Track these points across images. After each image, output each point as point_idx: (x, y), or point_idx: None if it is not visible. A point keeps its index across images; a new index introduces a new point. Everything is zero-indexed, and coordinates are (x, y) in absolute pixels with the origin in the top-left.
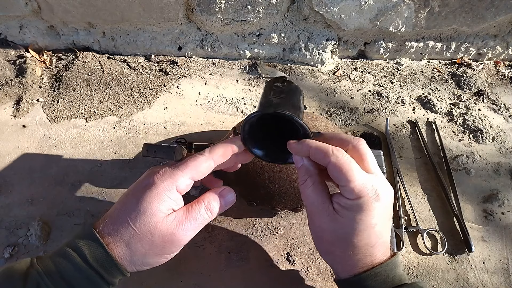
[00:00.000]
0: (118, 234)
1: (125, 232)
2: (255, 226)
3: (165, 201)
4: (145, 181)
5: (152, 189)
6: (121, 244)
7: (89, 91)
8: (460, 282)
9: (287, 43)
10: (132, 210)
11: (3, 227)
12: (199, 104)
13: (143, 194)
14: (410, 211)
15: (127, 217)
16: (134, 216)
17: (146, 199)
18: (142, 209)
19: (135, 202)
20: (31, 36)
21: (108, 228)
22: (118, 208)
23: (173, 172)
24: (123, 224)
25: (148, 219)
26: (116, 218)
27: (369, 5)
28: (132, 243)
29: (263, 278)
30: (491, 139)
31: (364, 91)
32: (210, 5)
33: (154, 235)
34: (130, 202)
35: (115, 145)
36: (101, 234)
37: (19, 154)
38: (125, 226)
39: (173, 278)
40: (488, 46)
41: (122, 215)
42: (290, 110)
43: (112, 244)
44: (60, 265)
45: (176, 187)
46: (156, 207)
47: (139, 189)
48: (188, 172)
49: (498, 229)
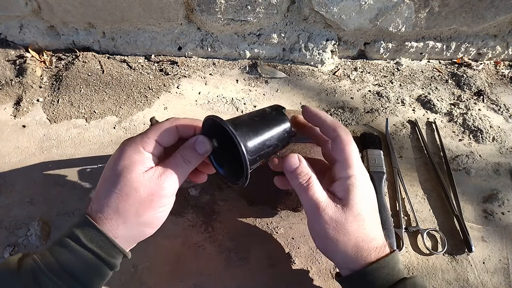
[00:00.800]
0: (105, 205)
1: (110, 200)
2: (255, 226)
3: (136, 161)
4: (115, 152)
5: (122, 155)
6: (110, 213)
7: (89, 91)
8: (460, 282)
9: (287, 43)
10: (111, 178)
11: (3, 227)
12: (199, 104)
13: (116, 161)
14: (410, 211)
15: (108, 185)
16: (113, 181)
17: (120, 163)
18: (118, 172)
19: (110, 171)
20: (31, 36)
21: (95, 205)
22: (99, 184)
23: (137, 137)
24: (106, 193)
25: (127, 177)
26: (100, 193)
27: (369, 5)
28: (120, 206)
29: (263, 278)
30: (491, 139)
31: (364, 91)
32: (210, 5)
33: (139, 189)
34: (106, 174)
35: (115, 145)
36: (91, 215)
37: (19, 154)
38: (109, 194)
39: (173, 278)
40: (488, 46)
41: (104, 187)
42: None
43: (103, 219)
44: (55, 251)
45: (142, 148)
46: (131, 166)
47: (111, 160)
48: (150, 135)
49: (498, 229)
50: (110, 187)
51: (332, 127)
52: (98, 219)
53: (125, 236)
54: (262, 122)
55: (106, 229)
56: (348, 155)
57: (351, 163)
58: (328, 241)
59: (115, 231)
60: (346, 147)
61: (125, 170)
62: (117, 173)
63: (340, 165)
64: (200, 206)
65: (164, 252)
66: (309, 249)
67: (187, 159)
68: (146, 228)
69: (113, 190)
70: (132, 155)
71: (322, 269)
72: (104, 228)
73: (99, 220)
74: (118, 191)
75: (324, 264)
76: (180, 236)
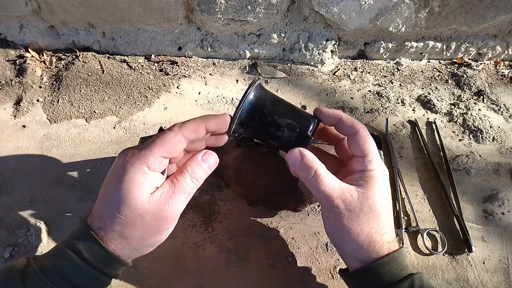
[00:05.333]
0: (108, 227)
1: (114, 224)
2: (255, 226)
3: (141, 183)
4: (116, 167)
5: (125, 175)
6: (115, 236)
7: (89, 91)
8: (460, 282)
9: (287, 43)
10: (114, 201)
11: (3, 227)
12: (199, 104)
13: (119, 182)
14: (410, 211)
15: (112, 209)
16: (118, 206)
17: (123, 187)
18: (122, 197)
19: (114, 192)
20: (31, 36)
21: (97, 222)
22: (101, 201)
23: (140, 153)
24: (110, 217)
25: (132, 204)
26: (102, 212)
27: (369, 5)
28: (125, 231)
29: (263, 278)
30: (491, 139)
31: (364, 91)
32: (210, 5)
33: (145, 217)
34: (109, 193)
35: (115, 145)
36: (95, 231)
37: (19, 154)
38: (113, 218)
39: (173, 278)
40: (488, 46)
41: (107, 208)
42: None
43: (105, 237)
44: (58, 264)
45: (147, 167)
46: (136, 192)
47: (113, 178)
48: (156, 150)
49: (498, 229)
50: (113, 211)
51: (350, 123)
52: (102, 238)
53: (129, 254)
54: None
55: (111, 249)
56: (368, 151)
57: (371, 158)
58: (340, 229)
59: (119, 251)
60: (366, 143)
61: (129, 195)
62: (121, 197)
63: (360, 160)
64: (200, 206)
65: (164, 252)
66: (309, 249)
67: (195, 177)
68: (150, 248)
69: (117, 215)
70: (135, 176)
71: (322, 269)
72: (108, 247)
73: (103, 239)
74: (123, 217)
75: (324, 264)
76: (180, 236)
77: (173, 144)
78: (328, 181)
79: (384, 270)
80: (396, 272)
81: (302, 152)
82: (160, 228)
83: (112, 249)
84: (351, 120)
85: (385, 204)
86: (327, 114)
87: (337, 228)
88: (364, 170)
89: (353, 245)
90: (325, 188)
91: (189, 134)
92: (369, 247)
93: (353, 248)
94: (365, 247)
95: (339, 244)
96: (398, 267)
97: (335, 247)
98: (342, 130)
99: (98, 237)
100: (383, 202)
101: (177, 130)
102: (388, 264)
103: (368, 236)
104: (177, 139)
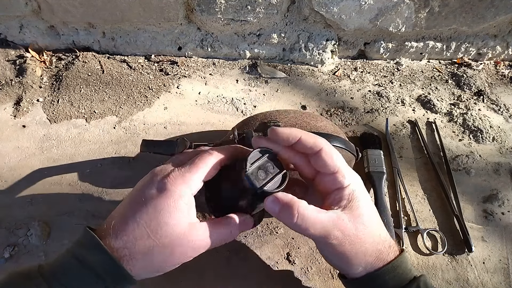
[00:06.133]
0: (135, 246)
1: (143, 244)
2: None
3: (183, 208)
4: (154, 186)
5: (168, 196)
6: (139, 256)
7: (89, 91)
8: (460, 282)
9: (287, 43)
10: (151, 220)
11: (3, 227)
12: (199, 104)
13: (160, 202)
14: (410, 211)
15: (146, 228)
16: (155, 227)
17: (165, 208)
18: (164, 220)
19: (151, 211)
20: (31, 36)
21: (121, 240)
22: (130, 217)
23: (184, 175)
24: (141, 235)
25: (171, 230)
26: (131, 231)
27: (369, 5)
28: (150, 254)
29: (263, 278)
30: (491, 139)
31: (364, 91)
32: (210, 5)
33: (175, 246)
34: (144, 210)
35: (115, 145)
36: (110, 245)
37: (19, 154)
38: (144, 238)
39: (173, 278)
40: (488, 46)
41: (139, 225)
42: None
43: (126, 256)
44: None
45: (191, 192)
46: (177, 217)
47: (152, 196)
48: (199, 174)
49: (498, 229)
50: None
51: (311, 142)
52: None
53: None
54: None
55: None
56: (338, 166)
57: (343, 173)
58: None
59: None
60: (332, 158)
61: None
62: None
63: (332, 177)
64: (200, 206)
65: None
66: (309, 249)
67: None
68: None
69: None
70: (179, 200)
71: (322, 269)
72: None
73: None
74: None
75: (324, 264)
76: None
77: (213, 168)
78: (316, 217)
79: (390, 276)
80: (401, 277)
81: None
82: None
83: (129, 268)
84: (313, 138)
85: (374, 213)
86: (284, 134)
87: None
88: (340, 187)
89: (364, 265)
90: (316, 226)
91: (225, 161)
92: (377, 259)
93: (364, 266)
94: (374, 261)
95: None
96: (403, 271)
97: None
98: (304, 149)
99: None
100: (371, 213)
101: (217, 154)
102: (393, 270)
103: (376, 249)
104: (216, 164)
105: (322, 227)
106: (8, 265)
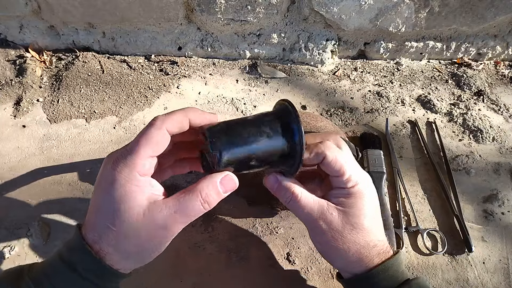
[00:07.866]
0: (103, 240)
1: (109, 237)
2: (255, 226)
3: (133, 192)
4: (104, 175)
5: (115, 185)
6: (110, 250)
7: (89, 91)
8: (460, 282)
9: (287, 43)
10: (106, 212)
11: (3, 227)
12: (199, 104)
13: (109, 192)
14: (410, 211)
15: (104, 221)
16: (110, 218)
17: (115, 197)
18: (115, 208)
19: (104, 203)
20: (31, 36)
21: (91, 235)
22: (93, 212)
23: (126, 158)
24: (103, 229)
25: (125, 216)
26: (95, 225)
27: (369, 5)
28: (120, 245)
29: (263, 278)
30: (491, 139)
31: (364, 91)
32: (210, 5)
33: (140, 231)
34: (100, 204)
35: (115, 145)
36: (88, 242)
37: (19, 154)
38: (106, 231)
39: (173, 278)
40: (488, 46)
41: (98, 220)
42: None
43: (102, 251)
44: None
45: (137, 173)
46: (128, 203)
47: (104, 187)
48: (142, 152)
49: (498, 229)
50: (106, 223)
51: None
52: (98, 252)
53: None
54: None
55: (108, 263)
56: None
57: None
58: (327, 248)
59: (117, 264)
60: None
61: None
62: (113, 208)
63: (336, 178)
64: None
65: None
66: (309, 249)
67: (207, 202)
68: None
69: (110, 227)
70: (126, 185)
71: (322, 269)
72: (105, 261)
73: (99, 253)
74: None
75: (324, 264)
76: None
77: (159, 142)
78: (306, 203)
79: (379, 279)
80: (391, 280)
81: (278, 178)
82: (154, 245)
83: (109, 263)
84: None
85: (371, 217)
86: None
87: (324, 247)
88: (343, 187)
89: (342, 262)
90: (303, 210)
91: (172, 128)
92: (359, 262)
93: (344, 264)
94: (355, 262)
95: (330, 261)
96: (393, 274)
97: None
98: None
99: (93, 250)
100: (368, 216)
101: (160, 124)
102: (380, 273)
103: (357, 252)
104: (162, 135)
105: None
106: (8, 265)
